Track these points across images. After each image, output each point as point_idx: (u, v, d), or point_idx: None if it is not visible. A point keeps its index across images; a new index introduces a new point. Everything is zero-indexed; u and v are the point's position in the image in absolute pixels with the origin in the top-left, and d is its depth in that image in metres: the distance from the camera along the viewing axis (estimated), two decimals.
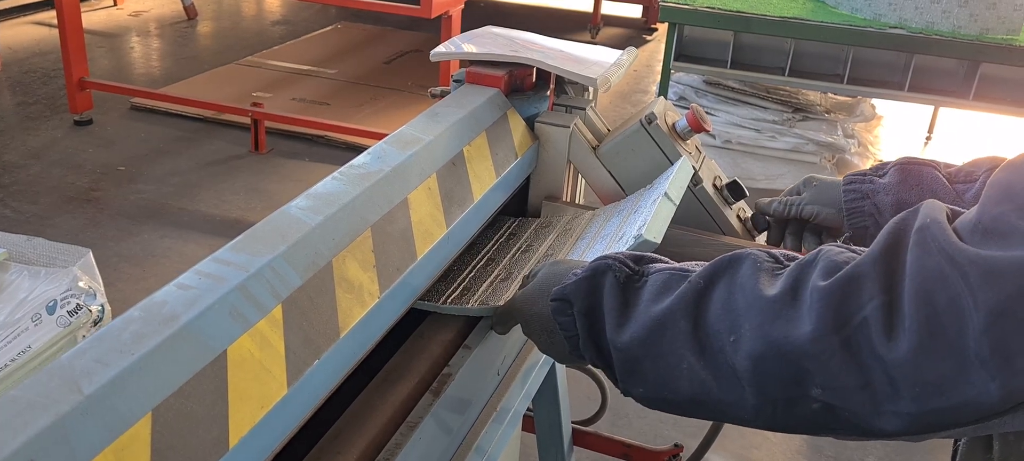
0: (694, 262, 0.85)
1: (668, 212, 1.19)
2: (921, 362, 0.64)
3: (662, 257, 0.90)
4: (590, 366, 0.93)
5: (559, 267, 0.98)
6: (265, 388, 0.82)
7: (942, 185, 1.15)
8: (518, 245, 1.37)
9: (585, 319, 0.88)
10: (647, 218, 1.12)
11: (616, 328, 0.84)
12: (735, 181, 1.46)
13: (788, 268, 0.76)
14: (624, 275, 0.86)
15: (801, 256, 0.78)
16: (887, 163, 1.23)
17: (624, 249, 1.06)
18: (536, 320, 0.98)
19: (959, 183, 1.14)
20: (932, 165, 1.17)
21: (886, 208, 1.19)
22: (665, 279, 0.83)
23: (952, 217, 0.70)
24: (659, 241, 1.09)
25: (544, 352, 0.99)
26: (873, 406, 0.68)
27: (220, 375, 0.79)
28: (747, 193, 1.46)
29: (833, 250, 0.74)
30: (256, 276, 0.87)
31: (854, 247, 0.75)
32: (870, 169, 1.23)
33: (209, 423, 0.76)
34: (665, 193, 1.21)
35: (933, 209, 0.70)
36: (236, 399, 0.79)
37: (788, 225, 1.37)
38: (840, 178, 1.29)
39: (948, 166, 1.18)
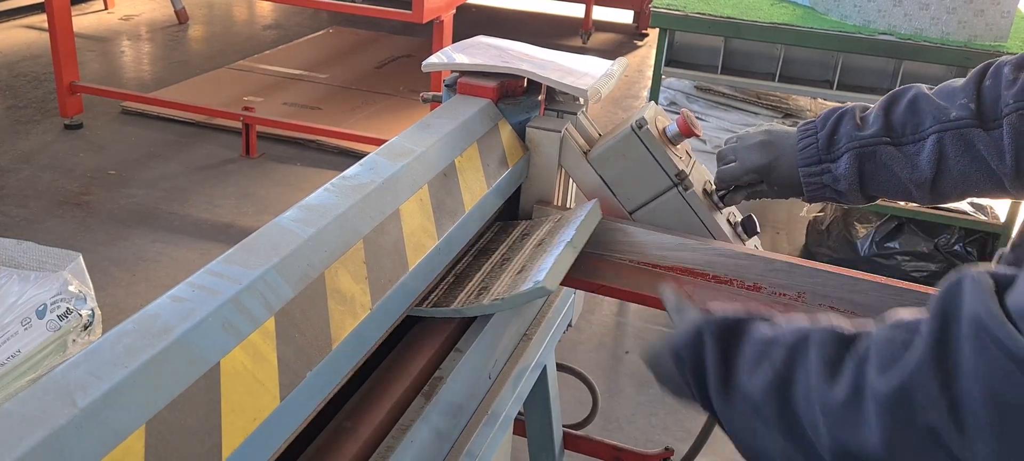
0: (781, 317, 0.85)
1: (569, 258, 1.24)
2: None
3: (759, 312, 0.89)
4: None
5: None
6: (258, 400, 0.83)
7: (895, 157, 1.17)
8: (503, 243, 1.39)
9: (694, 377, 0.89)
10: (549, 264, 1.19)
11: (719, 394, 0.86)
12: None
13: (846, 363, 0.73)
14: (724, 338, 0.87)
15: (857, 340, 0.75)
16: (835, 133, 1.21)
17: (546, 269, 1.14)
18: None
19: (907, 144, 1.16)
20: (880, 138, 1.18)
21: (847, 191, 1.23)
22: (757, 354, 0.83)
23: (998, 288, 0.65)
24: (554, 288, 1.16)
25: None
26: None
27: (213, 388, 0.79)
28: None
29: (883, 336, 0.71)
30: (249, 288, 0.88)
31: (905, 320, 0.71)
32: (822, 145, 1.23)
33: (202, 436, 0.77)
34: (569, 241, 1.26)
35: (980, 290, 0.65)
36: (229, 411, 0.80)
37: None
38: (791, 134, 1.28)
39: (889, 110, 1.17)
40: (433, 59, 1.57)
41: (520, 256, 1.33)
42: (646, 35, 7.10)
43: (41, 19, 6.02)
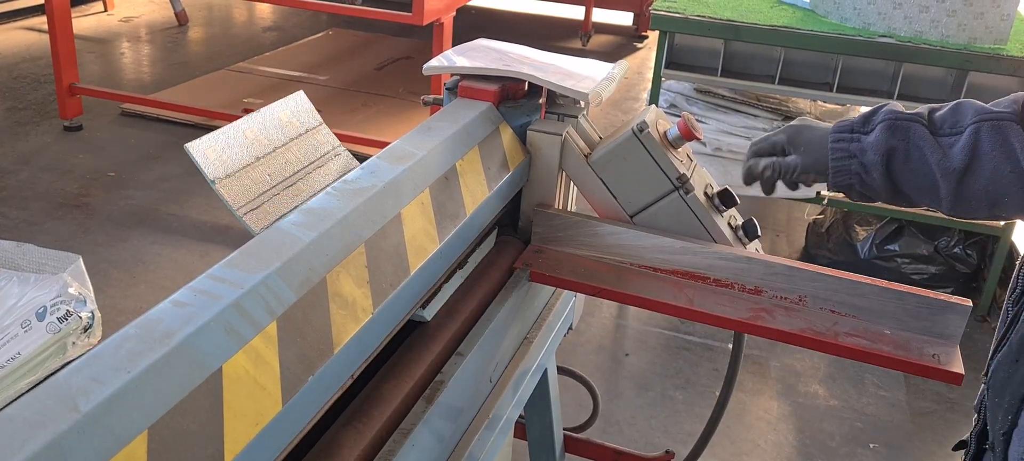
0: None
1: (454, 285, 1.32)
2: None
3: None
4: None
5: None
6: (260, 405, 0.83)
7: (929, 141, 1.17)
8: None
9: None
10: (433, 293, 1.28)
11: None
12: (726, 189, 1.47)
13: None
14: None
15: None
16: (874, 115, 1.22)
17: None
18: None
19: (944, 136, 1.16)
20: (918, 119, 1.18)
21: (873, 167, 1.20)
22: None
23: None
24: (429, 319, 1.25)
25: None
26: None
27: (215, 392, 0.79)
28: (738, 201, 1.47)
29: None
30: (251, 293, 0.88)
31: None
32: (857, 121, 1.23)
33: (204, 440, 0.77)
34: (458, 269, 1.33)
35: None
36: (231, 416, 0.80)
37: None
38: (826, 124, 1.28)
39: (933, 111, 1.19)
40: (434, 62, 1.57)
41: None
42: (646, 37, 7.11)
43: (41, 21, 6.02)
